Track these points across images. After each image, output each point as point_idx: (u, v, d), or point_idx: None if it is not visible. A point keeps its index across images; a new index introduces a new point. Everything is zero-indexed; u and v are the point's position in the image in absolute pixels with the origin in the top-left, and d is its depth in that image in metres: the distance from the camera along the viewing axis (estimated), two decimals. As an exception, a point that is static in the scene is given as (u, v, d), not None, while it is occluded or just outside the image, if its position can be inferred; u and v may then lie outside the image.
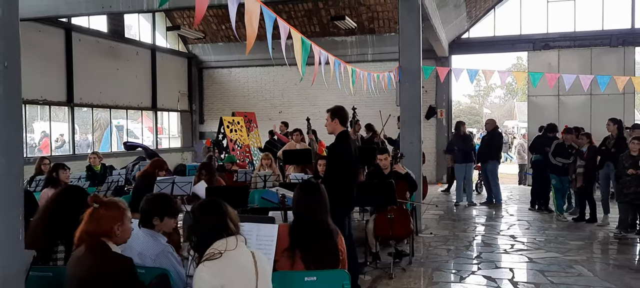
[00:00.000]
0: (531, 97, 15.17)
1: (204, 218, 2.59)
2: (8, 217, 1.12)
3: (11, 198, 1.12)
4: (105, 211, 2.86)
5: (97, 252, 2.79)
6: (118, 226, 2.87)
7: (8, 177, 1.11)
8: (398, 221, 6.33)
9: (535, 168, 10.65)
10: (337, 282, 3.30)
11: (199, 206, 2.71)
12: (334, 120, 5.40)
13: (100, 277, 2.71)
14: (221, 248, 2.48)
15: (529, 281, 5.99)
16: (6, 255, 1.13)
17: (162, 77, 16.44)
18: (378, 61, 15.29)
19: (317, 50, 4.89)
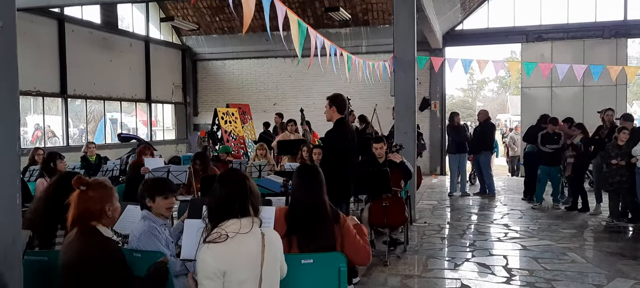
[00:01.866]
0: (524, 89, 15.24)
1: (224, 188, 2.54)
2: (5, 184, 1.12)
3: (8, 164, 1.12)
4: (93, 192, 2.82)
5: (87, 237, 2.75)
6: (108, 205, 2.84)
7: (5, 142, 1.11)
8: (392, 209, 6.36)
9: (527, 160, 10.72)
10: (334, 265, 3.31)
11: (223, 175, 2.67)
12: (332, 108, 5.47)
13: (90, 262, 2.68)
14: (229, 230, 2.44)
15: (522, 268, 6.04)
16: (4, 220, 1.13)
17: (156, 69, 16.38)
18: (372, 53, 15.29)
19: (314, 34, 4.90)
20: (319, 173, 3.52)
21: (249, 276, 2.45)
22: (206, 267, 2.39)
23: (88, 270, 2.65)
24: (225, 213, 2.49)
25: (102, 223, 2.82)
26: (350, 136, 5.61)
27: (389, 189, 6.34)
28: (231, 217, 2.48)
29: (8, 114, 1.11)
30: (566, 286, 5.32)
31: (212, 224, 2.51)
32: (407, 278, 5.66)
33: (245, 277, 2.43)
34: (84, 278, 2.64)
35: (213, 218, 2.51)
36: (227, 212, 2.49)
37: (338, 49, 6.29)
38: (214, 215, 2.51)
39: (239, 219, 2.48)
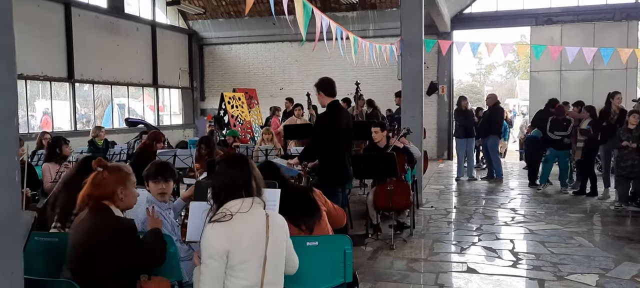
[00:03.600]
0: (533, 73, 15.09)
1: (227, 170, 2.57)
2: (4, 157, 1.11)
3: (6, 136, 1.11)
4: (108, 175, 2.85)
5: (98, 215, 2.79)
6: (121, 189, 2.86)
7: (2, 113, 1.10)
8: (398, 193, 6.35)
9: (528, 145, 10.67)
10: (339, 247, 3.31)
11: (226, 157, 2.69)
12: (320, 93, 5.44)
13: (100, 238, 2.71)
14: (233, 209, 2.46)
15: (529, 251, 6.02)
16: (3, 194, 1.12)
17: (162, 54, 16.36)
18: (379, 37, 15.15)
19: (319, 15, 4.85)
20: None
21: (252, 256, 2.45)
22: (209, 246, 2.40)
23: (100, 246, 2.67)
24: (229, 194, 2.50)
25: (115, 205, 2.83)
26: (344, 119, 5.56)
27: (394, 173, 6.31)
28: (235, 197, 2.49)
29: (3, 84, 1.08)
30: (573, 270, 5.30)
31: (216, 205, 2.52)
32: (413, 261, 5.65)
33: (248, 257, 2.44)
34: (96, 254, 2.66)
35: (217, 199, 2.52)
36: (231, 192, 2.50)
37: (345, 31, 6.23)
38: (218, 196, 2.52)
39: (243, 199, 2.49)
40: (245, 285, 2.44)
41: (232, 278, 2.43)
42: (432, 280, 5.10)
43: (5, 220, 1.13)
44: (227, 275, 2.46)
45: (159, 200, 3.62)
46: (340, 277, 3.37)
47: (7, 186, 1.13)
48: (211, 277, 2.40)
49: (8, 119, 1.13)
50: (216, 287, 2.41)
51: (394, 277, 5.16)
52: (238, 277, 2.43)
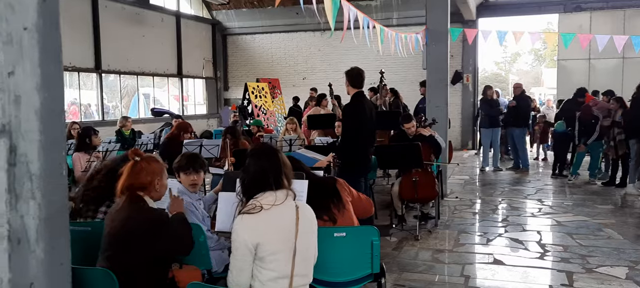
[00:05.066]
0: (561, 61, 14.79)
1: (257, 162, 2.57)
2: (51, 151, 1.15)
3: (54, 132, 1.15)
4: (146, 164, 2.91)
5: (133, 205, 2.85)
6: (157, 180, 2.92)
7: (50, 111, 1.14)
8: (423, 183, 6.32)
9: (556, 138, 10.48)
10: (366, 238, 3.33)
11: (254, 149, 2.70)
12: (347, 82, 5.48)
13: (136, 227, 2.78)
14: (264, 202, 2.47)
15: (556, 243, 5.94)
16: (52, 188, 1.16)
17: (187, 44, 16.50)
18: (403, 26, 15.02)
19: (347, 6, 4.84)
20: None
21: (282, 247, 2.48)
22: (239, 238, 2.43)
23: (135, 235, 2.74)
24: (260, 187, 2.52)
25: (149, 196, 2.89)
26: (368, 110, 5.57)
27: (419, 163, 6.29)
28: (266, 190, 2.51)
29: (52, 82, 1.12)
30: (602, 262, 5.22)
31: (246, 197, 2.54)
32: (438, 252, 5.64)
33: (278, 249, 2.47)
34: (131, 243, 2.73)
35: (247, 191, 2.54)
36: (262, 185, 2.52)
37: (371, 21, 6.20)
38: (248, 189, 2.54)
39: (274, 191, 2.51)
40: (275, 276, 2.47)
41: (262, 270, 2.46)
42: (457, 271, 5.09)
43: (55, 213, 1.18)
44: (257, 266, 2.49)
45: (189, 191, 3.68)
46: (367, 268, 3.39)
47: (56, 180, 1.17)
48: (240, 267, 2.44)
49: (56, 116, 1.17)
50: (245, 277, 2.44)
51: (420, 268, 5.16)
52: (268, 268, 2.46)
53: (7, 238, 1.07)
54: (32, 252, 1.13)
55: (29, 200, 1.12)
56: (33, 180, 1.12)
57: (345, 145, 5.56)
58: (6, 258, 1.07)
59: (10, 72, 1.07)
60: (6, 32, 1.06)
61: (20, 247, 1.10)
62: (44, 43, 1.14)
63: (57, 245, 1.18)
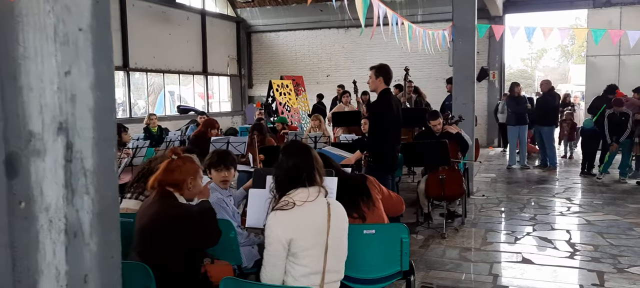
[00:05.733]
0: (590, 58, 14.50)
1: (290, 159, 2.61)
2: (103, 148, 1.19)
3: (106, 130, 1.19)
4: (182, 163, 2.96)
5: (164, 200, 2.91)
6: (190, 180, 2.97)
7: (103, 110, 1.18)
8: (450, 181, 6.27)
9: (585, 136, 10.28)
10: (396, 235, 3.33)
11: (287, 146, 2.74)
12: (378, 78, 5.39)
13: (164, 224, 2.83)
14: (296, 198, 2.51)
15: (586, 242, 5.85)
16: (104, 184, 1.20)
17: (211, 42, 16.67)
18: (428, 22, 14.91)
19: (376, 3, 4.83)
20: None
21: (314, 243, 2.51)
22: (273, 234, 2.46)
23: (165, 231, 2.79)
24: (293, 183, 2.55)
25: (181, 194, 2.94)
26: (396, 107, 5.55)
27: (447, 161, 6.25)
28: (299, 186, 2.54)
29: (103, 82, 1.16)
30: (634, 262, 5.13)
31: (279, 194, 2.57)
32: (465, 251, 5.61)
33: (310, 244, 2.50)
34: (162, 238, 2.78)
35: (280, 188, 2.57)
36: (295, 182, 2.55)
37: (400, 17, 6.18)
38: (282, 186, 2.57)
39: (307, 188, 2.54)
40: (307, 272, 2.50)
41: (295, 265, 2.50)
42: (486, 269, 5.05)
43: (107, 208, 1.22)
44: (290, 262, 2.52)
45: (220, 187, 3.73)
46: (396, 265, 3.39)
47: (108, 176, 1.22)
48: (273, 263, 2.47)
49: (108, 114, 1.21)
50: (278, 272, 2.48)
51: (447, 266, 5.14)
52: (301, 264, 2.49)
53: (64, 231, 1.11)
54: (87, 245, 1.18)
55: (83, 195, 1.16)
56: (87, 175, 1.17)
57: (373, 142, 5.54)
58: (63, 251, 1.12)
59: (67, 72, 1.11)
60: (63, 32, 1.10)
61: (76, 240, 1.15)
62: (97, 43, 1.18)
63: (109, 238, 1.23)
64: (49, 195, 1.08)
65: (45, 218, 1.07)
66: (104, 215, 1.21)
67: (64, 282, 1.12)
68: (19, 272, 1.03)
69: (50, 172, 1.08)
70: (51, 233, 1.08)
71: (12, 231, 1.02)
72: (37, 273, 1.07)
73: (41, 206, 1.07)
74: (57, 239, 1.10)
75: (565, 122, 12.32)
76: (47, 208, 1.08)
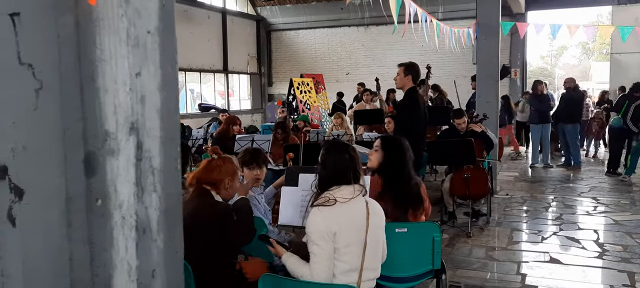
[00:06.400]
0: (614, 55, 14.29)
1: (335, 157, 2.64)
2: (169, 147, 1.22)
3: (171, 130, 1.22)
4: (222, 163, 3.01)
5: (201, 198, 2.96)
6: (228, 180, 3.01)
7: (168, 110, 1.21)
8: (475, 180, 6.24)
9: (612, 134, 10.13)
10: (428, 234, 3.34)
11: (331, 145, 2.77)
12: (407, 76, 5.38)
13: (200, 221, 2.88)
14: (338, 195, 2.53)
15: (615, 243, 5.78)
16: (169, 182, 1.24)
17: (232, 40, 16.78)
18: (449, 19, 14.81)
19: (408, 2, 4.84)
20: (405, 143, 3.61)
21: (355, 240, 2.53)
22: (319, 228, 2.48)
23: (201, 228, 2.84)
24: (337, 181, 2.58)
25: (218, 193, 2.98)
26: (423, 106, 5.56)
27: (472, 159, 6.22)
28: (343, 184, 2.57)
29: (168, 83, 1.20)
30: (666, 263, 5.05)
31: (320, 189, 2.60)
32: (492, 250, 5.58)
33: (351, 241, 2.52)
34: (198, 235, 2.83)
35: (324, 185, 2.60)
36: (340, 179, 2.58)
37: (428, 16, 6.17)
38: (326, 183, 2.60)
39: (351, 185, 2.57)
40: (347, 268, 2.53)
41: (336, 262, 2.52)
42: (513, 269, 5.02)
43: (172, 205, 1.25)
44: None
45: (252, 185, 3.77)
46: (428, 264, 3.40)
47: (172, 175, 1.25)
48: (324, 257, 2.47)
49: (173, 115, 1.25)
50: (329, 267, 2.49)
51: (474, 265, 5.12)
52: (341, 260, 2.51)
53: (135, 228, 1.15)
54: (154, 241, 1.21)
55: (151, 193, 1.20)
56: (155, 174, 1.20)
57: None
58: (134, 246, 1.15)
59: (138, 73, 1.15)
60: (134, 35, 1.13)
61: (145, 236, 1.18)
62: (163, 45, 1.21)
63: (173, 235, 1.26)
64: (122, 193, 1.12)
65: (118, 215, 1.11)
66: (169, 213, 1.25)
67: (135, 277, 1.16)
68: (96, 266, 1.07)
69: (123, 171, 1.12)
70: (124, 230, 1.12)
71: (90, 228, 1.06)
72: (111, 268, 1.10)
73: (115, 203, 1.10)
74: (129, 235, 1.14)
75: (595, 121, 12.14)
76: (120, 205, 1.11)
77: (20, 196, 1.07)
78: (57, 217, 1.05)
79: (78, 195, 1.05)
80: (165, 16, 1.21)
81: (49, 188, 1.05)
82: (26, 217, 1.07)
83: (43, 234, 1.07)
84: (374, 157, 3.60)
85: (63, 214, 1.05)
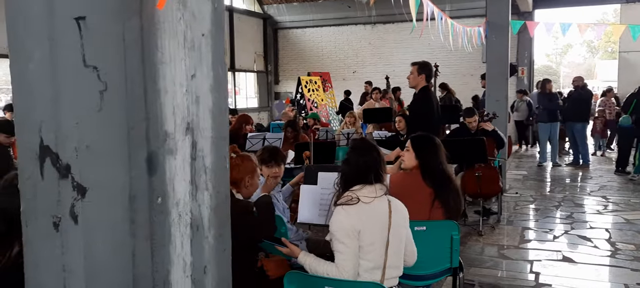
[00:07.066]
0: (622, 54, 14.27)
1: (360, 157, 2.66)
2: (219, 146, 1.26)
3: (221, 129, 1.26)
4: (240, 161, 3.04)
5: None
6: (248, 178, 3.04)
7: (219, 110, 1.25)
8: (487, 179, 6.26)
9: (621, 133, 10.13)
10: (446, 232, 3.37)
11: (357, 144, 2.79)
12: (421, 75, 5.43)
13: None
14: (361, 194, 2.56)
15: (627, 241, 5.80)
16: (219, 180, 1.27)
17: (239, 38, 16.81)
18: (456, 18, 14.74)
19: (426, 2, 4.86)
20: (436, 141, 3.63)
21: (378, 238, 2.56)
22: (344, 226, 2.51)
23: None
24: (361, 180, 2.60)
25: (238, 191, 3.02)
26: (436, 105, 5.60)
27: (484, 158, 6.24)
28: (366, 183, 2.59)
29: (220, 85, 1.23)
30: (679, 262, 5.07)
31: (343, 187, 2.63)
32: (504, 248, 5.61)
33: (375, 239, 2.55)
34: None
35: (347, 184, 2.62)
36: (363, 178, 2.61)
37: (444, 15, 6.19)
38: (349, 182, 2.62)
39: (373, 185, 2.59)
40: (371, 266, 2.56)
41: (360, 260, 2.55)
42: (526, 268, 5.05)
43: (221, 203, 1.29)
44: None
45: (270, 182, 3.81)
46: (446, 262, 3.43)
47: (222, 173, 1.29)
48: (351, 255, 2.49)
49: (223, 115, 1.28)
50: (356, 264, 2.52)
51: (487, 264, 5.15)
52: (365, 258, 2.54)
53: (190, 225, 1.19)
54: (206, 238, 1.25)
55: (204, 191, 1.23)
56: (207, 172, 1.24)
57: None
58: (189, 243, 1.19)
59: (193, 75, 1.18)
60: (190, 38, 1.17)
61: (198, 233, 1.22)
62: (215, 47, 1.25)
63: (223, 232, 1.30)
64: (178, 191, 1.15)
65: (175, 213, 1.15)
66: (219, 210, 1.29)
67: (189, 273, 1.19)
68: (156, 262, 1.11)
69: (180, 170, 1.15)
70: (180, 227, 1.16)
71: (151, 225, 1.09)
72: (169, 264, 1.14)
73: (173, 201, 1.14)
74: (185, 232, 1.17)
75: (599, 119, 12.15)
76: (177, 203, 1.15)
77: (82, 194, 1.10)
78: (121, 214, 1.08)
79: (141, 193, 1.08)
80: (217, 19, 1.25)
81: (112, 186, 1.09)
82: (89, 214, 1.11)
83: (106, 231, 1.10)
84: (407, 157, 3.62)
85: (126, 211, 1.08)
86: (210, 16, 1.22)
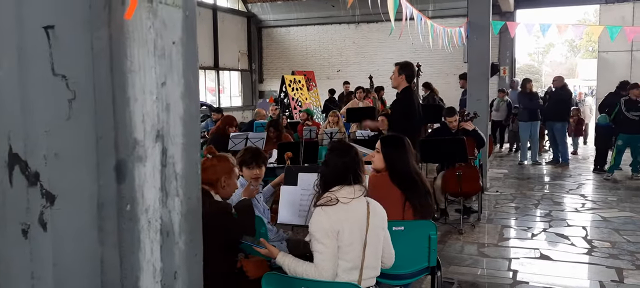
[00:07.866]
0: (601, 54, 14.50)
1: (339, 158, 2.69)
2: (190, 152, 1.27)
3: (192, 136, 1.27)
4: (216, 162, 3.04)
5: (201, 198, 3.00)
6: (224, 178, 3.04)
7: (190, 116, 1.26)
8: (467, 177, 6.34)
9: (598, 132, 10.31)
10: (424, 232, 3.41)
11: (335, 146, 2.83)
12: (401, 75, 5.48)
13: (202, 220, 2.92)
14: (340, 195, 2.59)
15: (603, 239, 5.91)
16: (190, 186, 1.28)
17: (223, 37, 16.76)
18: (438, 18, 14.93)
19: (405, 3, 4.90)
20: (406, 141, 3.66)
21: (356, 238, 2.60)
22: (323, 227, 2.54)
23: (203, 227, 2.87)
24: (340, 181, 2.63)
25: (216, 192, 3.02)
26: (417, 105, 5.65)
27: (464, 157, 6.32)
28: (344, 184, 2.62)
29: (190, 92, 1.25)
30: (652, 259, 5.19)
31: (323, 190, 2.66)
32: (483, 246, 5.68)
33: (353, 239, 2.59)
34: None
35: (326, 185, 2.65)
36: (342, 179, 2.63)
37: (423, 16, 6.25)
38: (328, 183, 2.65)
39: (352, 186, 2.63)
40: (349, 267, 2.59)
41: (338, 260, 2.58)
42: (504, 265, 5.13)
43: (192, 208, 1.30)
44: None
45: (251, 184, 3.82)
46: (424, 261, 3.48)
47: (193, 179, 1.30)
48: (330, 255, 2.52)
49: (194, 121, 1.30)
50: (335, 264, 2.55)
51: (466, 262, 5.22)
52: (344, 258, 2.57)
53: (160, 231, 1.20)
54: (176, 243, 1.26)
55: (174, 197, 1.24)
56: (178, 179, 1.25)
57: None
58: (159, 249, 1.20)
59: (163, 83, 1.19)
60: (160, 46, 1.18)
61: (169, 239, 1.23)
62: (186, 55, 1.26)
63: (193, 237, 1.31)
64: (148, 197, 1.16)
65: (145, 219, 1.16)
66: (190, 216, 1.30)
67: (159, 278, 1.20)
68: (125, 269, 1.12)
69: (149, 177, 1.16)
70: (150, 233, 1.17)
71: (120, 232, 1.10)
72: (139, 271, 1.15)
73: (142, 208, 1.15)
74: (154, 238, 1.18)
75: (572, 118, 12.34)
76: (147, 210, 1.16)
77: (51, 201, 1.11)
78: (90, 221, 1.09)
79: (109, 201, 1.09)
80: (188, 26, 1.26)
81: (81, 194, 1.09)
82: (58, 222, 1.12)
83: (75, 238, 1.11)
84: (376, 159, 3.64)
85: (95, 219, 1.09)
86: (182, 24, 1.23)
